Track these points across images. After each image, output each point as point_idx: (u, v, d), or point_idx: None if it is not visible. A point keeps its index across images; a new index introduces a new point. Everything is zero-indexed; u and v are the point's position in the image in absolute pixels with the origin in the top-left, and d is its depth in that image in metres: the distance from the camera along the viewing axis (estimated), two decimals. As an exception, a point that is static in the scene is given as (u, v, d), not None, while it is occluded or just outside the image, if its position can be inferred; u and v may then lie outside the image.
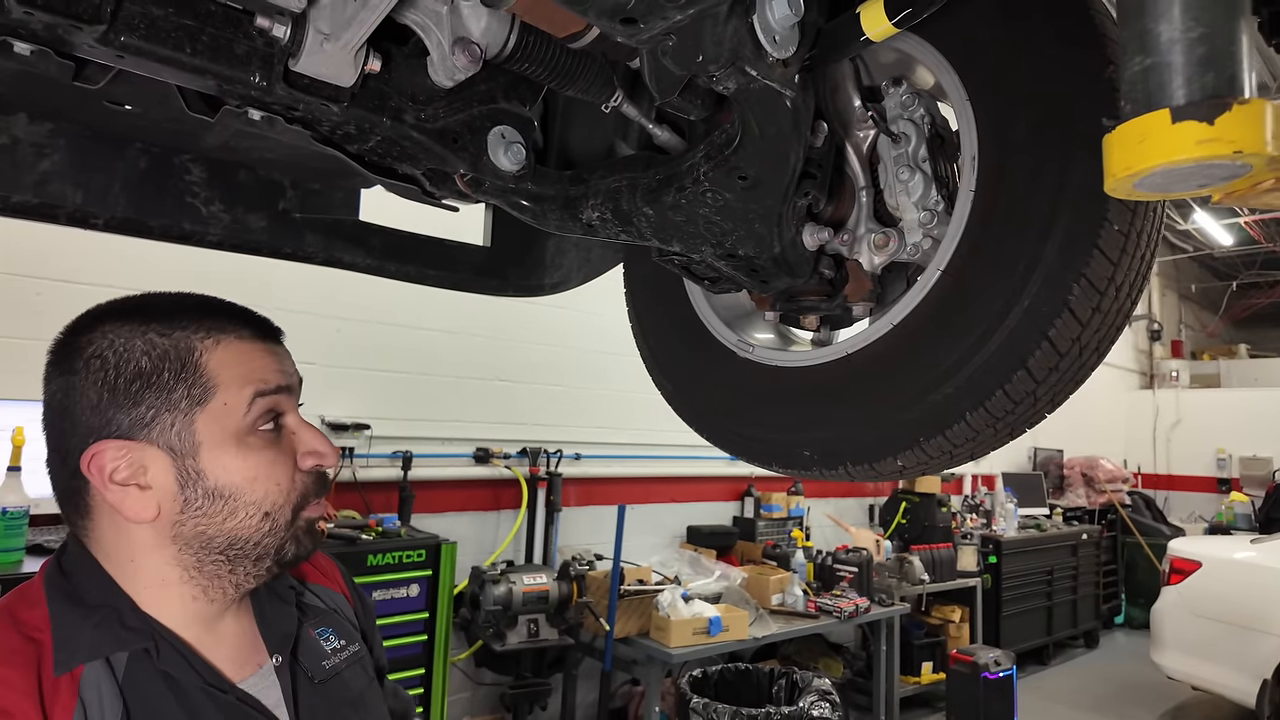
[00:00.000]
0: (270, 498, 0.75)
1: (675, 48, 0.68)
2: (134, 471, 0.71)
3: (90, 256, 2.81)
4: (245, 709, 0.75)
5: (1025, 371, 0.92)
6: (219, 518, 0.73)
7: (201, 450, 0.73)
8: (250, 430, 0.75)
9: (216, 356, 0.74)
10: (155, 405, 0.72)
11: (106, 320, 0.75)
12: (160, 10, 0.75)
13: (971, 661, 4.72)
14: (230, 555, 0.75)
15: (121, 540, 0.73)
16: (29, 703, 0.64)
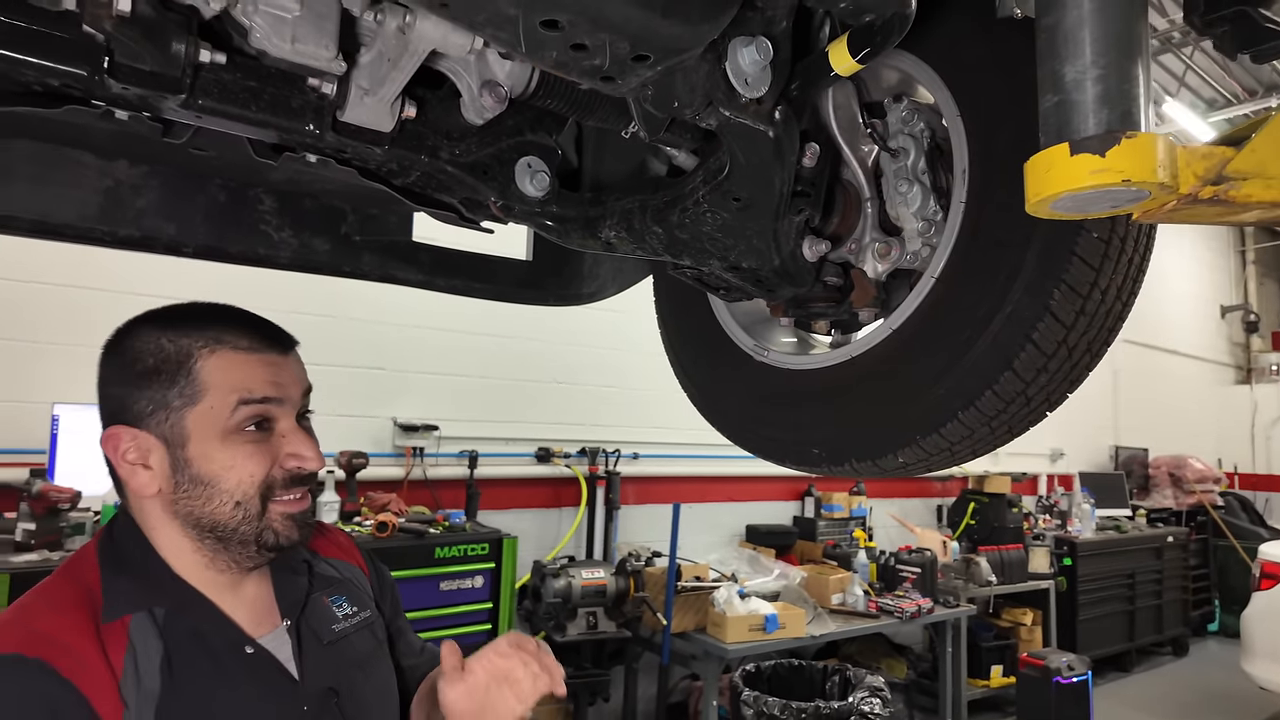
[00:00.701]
0: (242, 488, 0.85)
1: (653, 96, 0.77)
2: (141, 454, 0.84)
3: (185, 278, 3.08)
4: (260, 660, 0.87)
5: (1012, 372, 0.97)
6: (200, 501, 0.84)
7: (190, 443, 0.84)
8: (234, 430, 0.85)
9: (210, 364, 0.85)
10: (155, 401, 0.84)
11: (143, 324, 0.88)
12: (229, 76, 0.88)
13: (1043, 665, 4.60)
14: (219, 536, 0.85)
15: (143, 512, 0.87)
16: (88, 641, 0.77)
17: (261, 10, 0.79)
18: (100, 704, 0.74)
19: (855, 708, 2.58)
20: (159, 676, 0.78)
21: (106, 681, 0.76)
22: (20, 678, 0.73)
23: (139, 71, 0.81)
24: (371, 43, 0.89)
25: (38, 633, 0.76)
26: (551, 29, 0.61)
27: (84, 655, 0.76)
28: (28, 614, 0.79)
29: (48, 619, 0.78)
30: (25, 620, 0.78)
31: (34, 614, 0.79)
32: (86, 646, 0.76)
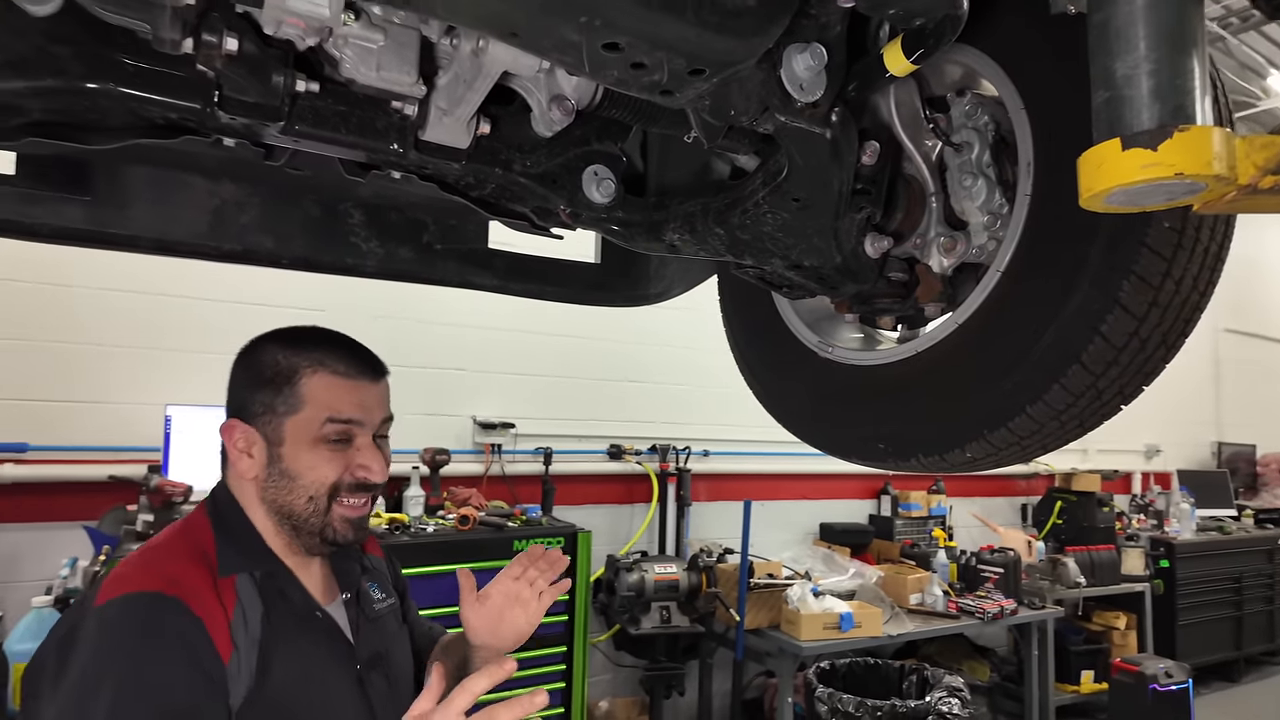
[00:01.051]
0: (315, 487, 1.01)
1: (710, 105, 0.80)
2: (247, 444, 1.02)
3: (281, 287, 3.29)
4: (328, 624, 1.05)
5: (1080, 366, 0.96)
6: (284, 491, 1.01)
7: (285, 444, 1.01)
8: (320, 440, 1.01)
9: (312, 382, 1.01)
10: (265, 405, 1.01)
11: (269, 339, 1.06)
12: (321, 103, 0.97)
13: (1138, 672, 4.39)
14: (293, 523, 1.02)
15: (242, 491, 1.04)
16: (209, 591, 0.93)
17: (351, 43, 0.87)
18: (218, 641, 0.90)
19: (933, 707, 2.54)
20: (260, 626, 0.95)
21: (222, 624, 0.91)
22: (164, 610, 0.88)
23: (244, 103, 0.90)
24: (448, 66, 0.95)
25: (172, 577, 0.91)
26: (612, 50, 0.65)
27: (207, 601, 0.92)
28: (159, 561, 0.94)
29: (177, 567, 0.93)
30: (159, 566, 0.93)
31: (164, 562, 0.94)
32: (208, 594, 0.92)
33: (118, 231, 1.30)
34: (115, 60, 0.86)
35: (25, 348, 2.92)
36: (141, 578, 0.91)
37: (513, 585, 1.16)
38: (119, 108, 0.90)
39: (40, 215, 1.24)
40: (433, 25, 0.91)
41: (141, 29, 0.75)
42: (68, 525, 2.89)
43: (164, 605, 0.88)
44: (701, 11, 0.63)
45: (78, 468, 2.95)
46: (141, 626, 0.87)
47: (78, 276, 2.98)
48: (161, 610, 0.88)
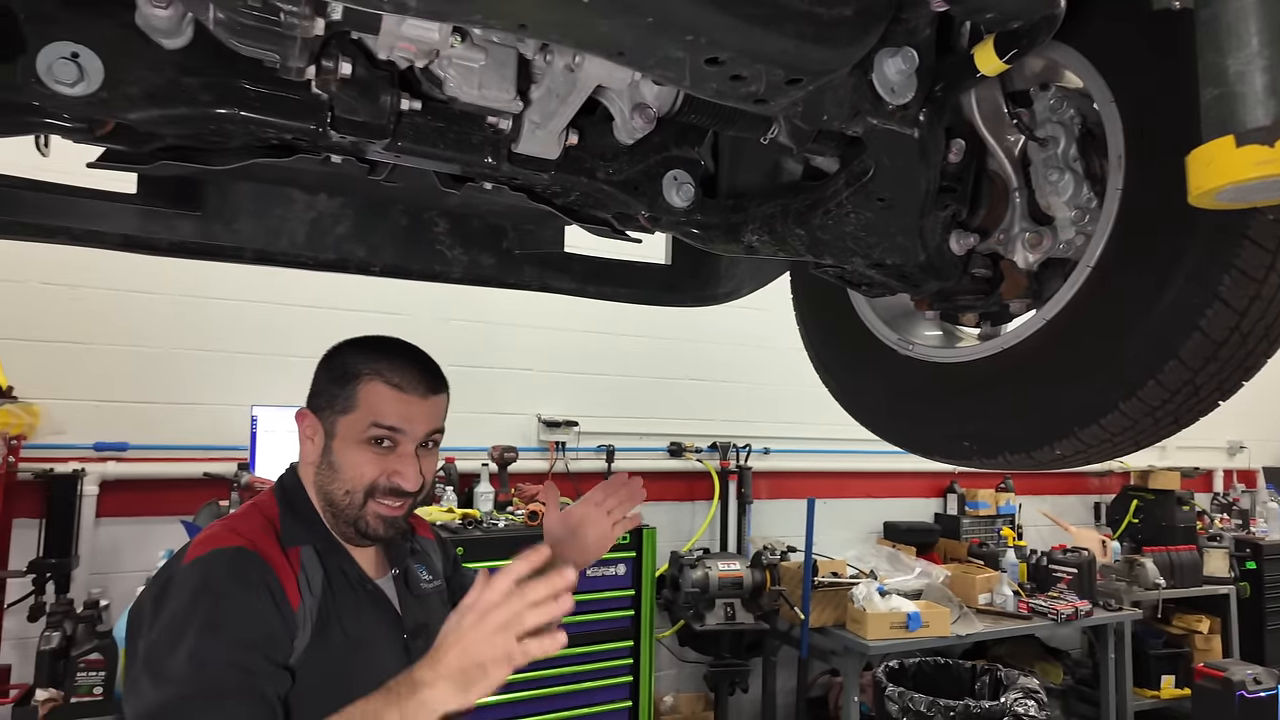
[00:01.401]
0: (353, 482, 1.10)
1: (803, 111, 0.82)
2: (312, 432, 1.14)
3: (355, 291, 3.42)
4: (378, 595, 1.16)
5: (1178, 361, 0.94)
6: (328, 480, 1.11)
7: (337, 438, 1.11)
8: (364, 441, 1.10)
9: (367, 389, 1.11)
10: (328, 401, 1.13)
11: (347, 344, 1.18)
12: (422, 120, 1.02)
13: (1223, 677, 4.21)
14: (332, 511, 1.12)
15: (305, 475, 1.16)
16: (279, 554, 1.05)
17: (454, 63, 0.91)
18: (289, 590, 1.03)
19: (1008, 708, 2.50)
20: (320, 588, 1.08)
21: (291, 579, 1.05)
22: (251, 560, 1.02)
23: (354, 122, 0.96)
24: (541, 82, 0.99)
25: (250, 539, 1.05)
26: (713, 65, 0.68)
27: (277, 561, 1.05)
28: (237, 527, 1.08)
29: (252, 533, 1.06)
30: (237, 529, 1.07)
31: (241, 527, 1.07)
32: (278, 557, 1.06)
33: (225, 244, 1.38)
34: (239, 88, 0.92)
35: (124, 353, 3.10)
36: (224, 537, 1.04)
37: (593, 510, 1.30)
38: (240, 130, 0.97)
39: (158, 230, 1.33)
40: (528, 44, 0.95)
41: (270, 58, 0.81)
42: (164, 519, 3.07)
43: (246, 555, 1.02)
44: (801, 25, 0.65)
45: (173, 465, 3.12)
46: (227, 571, 0.99)
47: (170, 285, 3.16)
48: (244, 559, 1.01)
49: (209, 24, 0.75)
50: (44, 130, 0.94)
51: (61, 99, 0.84)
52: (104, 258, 2.87)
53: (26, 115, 0.88)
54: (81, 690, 2.32)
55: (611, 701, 3.19)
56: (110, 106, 0.86)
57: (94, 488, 2.94)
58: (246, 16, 0.71)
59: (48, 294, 2.97)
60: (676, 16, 0.60)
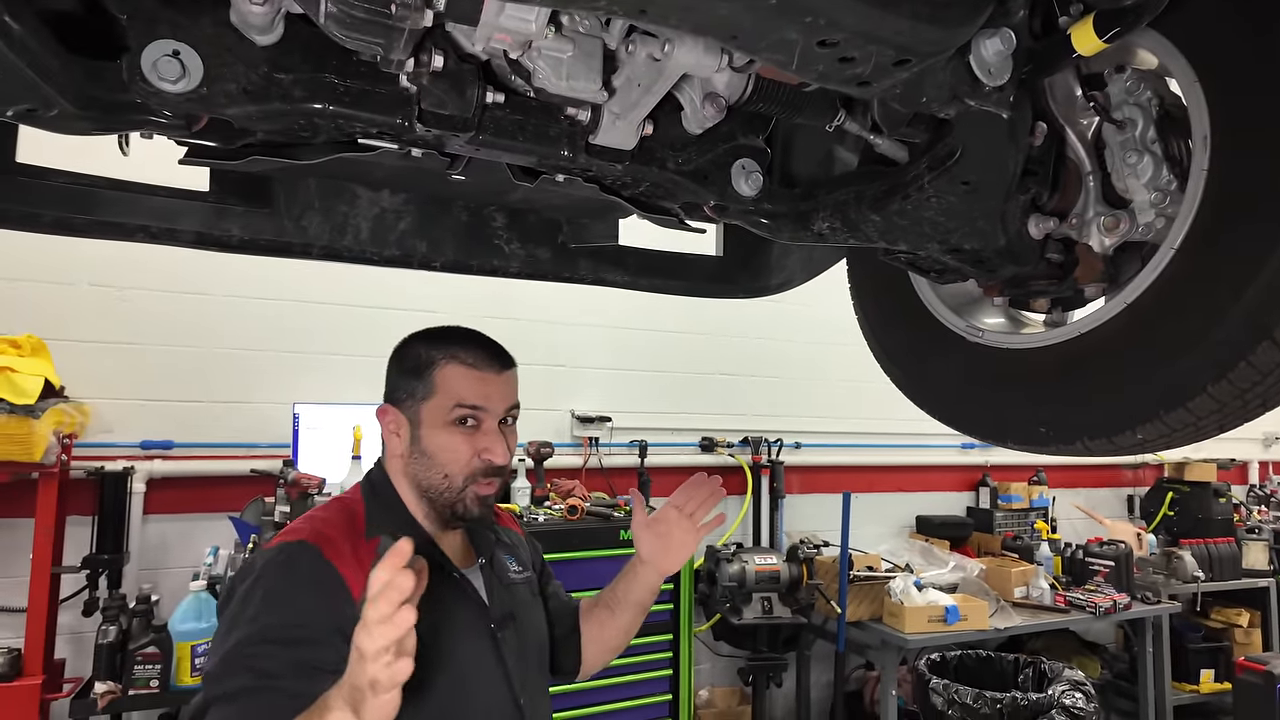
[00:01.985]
0: (449, 466, 1.14)
1: (902, 94, 0.82)
2: (396, 426, 1.17)
3: (392, 290, 3.45)
4: (464, 584, 1.18)
5: (1271, 342, 0.93)
6: (422, 469, 1.15)
7: (423, 425, 1.15)
8: (450, 423, 1.13)
9: (445, 372, 1.15)
10: (408, 391, 1.16)
11: (417, 336, 1.22)
12: (502, 113, 1.03)
13: (1265, 671, 4.15)
14: (429, 498, 1.15)
15: (392, 468, 1.19)
16: (349, 545, 1.07)
17: (544, 54, 0.92)
18: (353, 584, 1.02)
19: (1056, 700, 2.48)
20: None
21: (359, 573, 1.02)
22: (305, 553, 1.05)
23: (440, 115, 0.97)
24: (623, 72, 1.00)
25: (320, 531, 1.08)
26: (824, 47, 0.68)
27: (346, 551, 1.06)
28: (315, 520, 1.13)
29: (328, 525, 1.10)
30: (313, 523, 1.11)
31: (319, 521, 1.12)
32: (347, 549, 1.07)
33: (294, 240, 1.40)
34: (329, 83, 0.94)
35: (170, 353, 3.15)
36: (296, 529, 1.09)
37: (675, 513, 1.31)
38: (328, 125, 0.98)
39: (229, 227, 1.35)
40: (613, 33, 0.96)
41: (373, 51, 0.82)
42: (209, 516, 3.12)
43: (305, 550, 1.05)
44: (916, 4, 0.65)
45: (217, 463, 3.17)
46: (283, 563, 1.04)
47: (212, 285, 3.20)
48: (300, 552, 1.04)
49: (319, 18, 0.77)
50: (145, 128, 0.95)
51: (164, 96, 0.86)
52: (151, 260, 2.92)
53: (131, 113, 0.89)
54: (139, 683, 2.36)
55: (652, 695, 3.20)
56: (209, 103, 0.88)
57: (141, 485, 2.99)
58: (359, 9, 0.72)
59: (97, 295, 3.03)
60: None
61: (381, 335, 3.66)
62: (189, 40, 0.87)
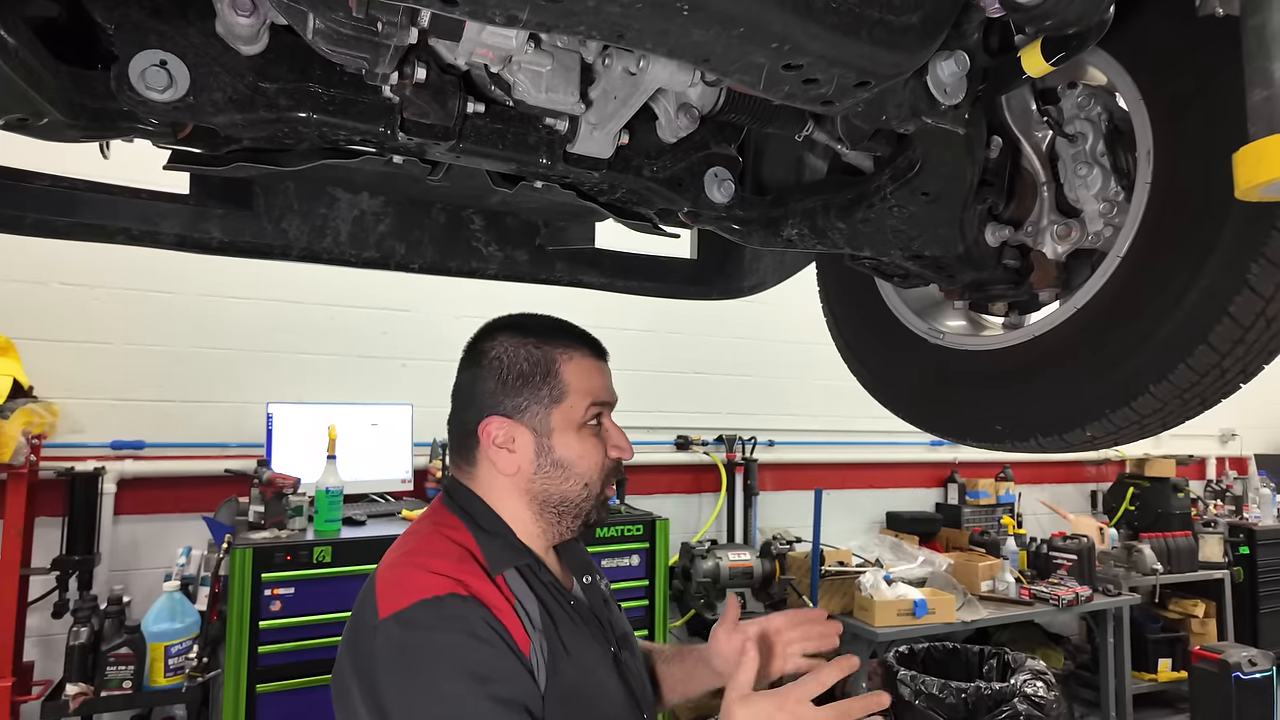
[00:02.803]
0: (591, 473, 1.03)
1: (864, 112, 0.87)
2: (508, 440, 1.02)
3: (366, 289, 3.45)
4: (583, 607, 1.07)
5: (1207, 345, 1.00)
6: (557, 481, 1.02)
7: (554, 433, 1.02)
8: (585, 425, 1.03)
9: (570, 368, 1.04)
10: (529, 398, 1.02)
11: (501, 332, 1.08)
12: (483, 122, 1.06)
13: (1219, 660, 4.31)
14: (560, 511, 1.03)
15: (494, 486, 1.04)
16: (492, 589, 0.92)
17: (524, 68, 0.95)
18: (515, 635, 0.91)
19: (1019, 689, 2.57)
20: (540, 617, 0.95)
21: (514, 620, 0.92)
22: (473, 608, 0.88)
23: (422, 125, 1.00)
24: (599, 84, 1.04)
25: (458, 578, 0.91)
26: (790, 70, 0.73)
27: (495, 599, 0.92)
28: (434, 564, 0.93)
29: (454, 569, 0.93)
30: (438, 568, 0.92)
31: (440, 565, 0.93)
32: (493, 593, 0.93)
33: (274, 242, 1.42)
34: (314, 92, 0.96)
35: (141, 352, 3.13)
36: (424, 581, 0.90)
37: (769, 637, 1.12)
38: (311, 133, 1.00)
39: (210, 229, 1.36)
40: (590, 49, 1.00)
41: (358, 65, 0.85)
42: (182, 516, 3.10)
43: (467, 604, 0.88)
44: (875, 31, 0.70)
45: (189, 463, 3.15)
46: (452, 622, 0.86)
47: (186, 285, 3.18)
48: (466, 609, 0.88)
49: (307, 34, 0.79)
50: (131, 134, 0.97)
51: (152, 105, 0.88)
52: (122, 259, 2.90)
53: (119, 121, 0.91)
54: (111, 684, 2.35)
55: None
56: (196, 111, 0.90)
57: (112, 486, 2.97)
58: (346, 26, 0.75)
59: (67, 295, 2.99)
60: (767, 27, 0.65)
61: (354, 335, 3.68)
62: (176, 50, 0.89)
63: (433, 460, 3.38)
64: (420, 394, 3.50)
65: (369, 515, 2.96)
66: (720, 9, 0.63)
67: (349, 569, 2.62)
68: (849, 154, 1.29)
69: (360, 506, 3.06)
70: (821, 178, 1.35)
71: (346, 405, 3.22)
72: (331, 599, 2.59)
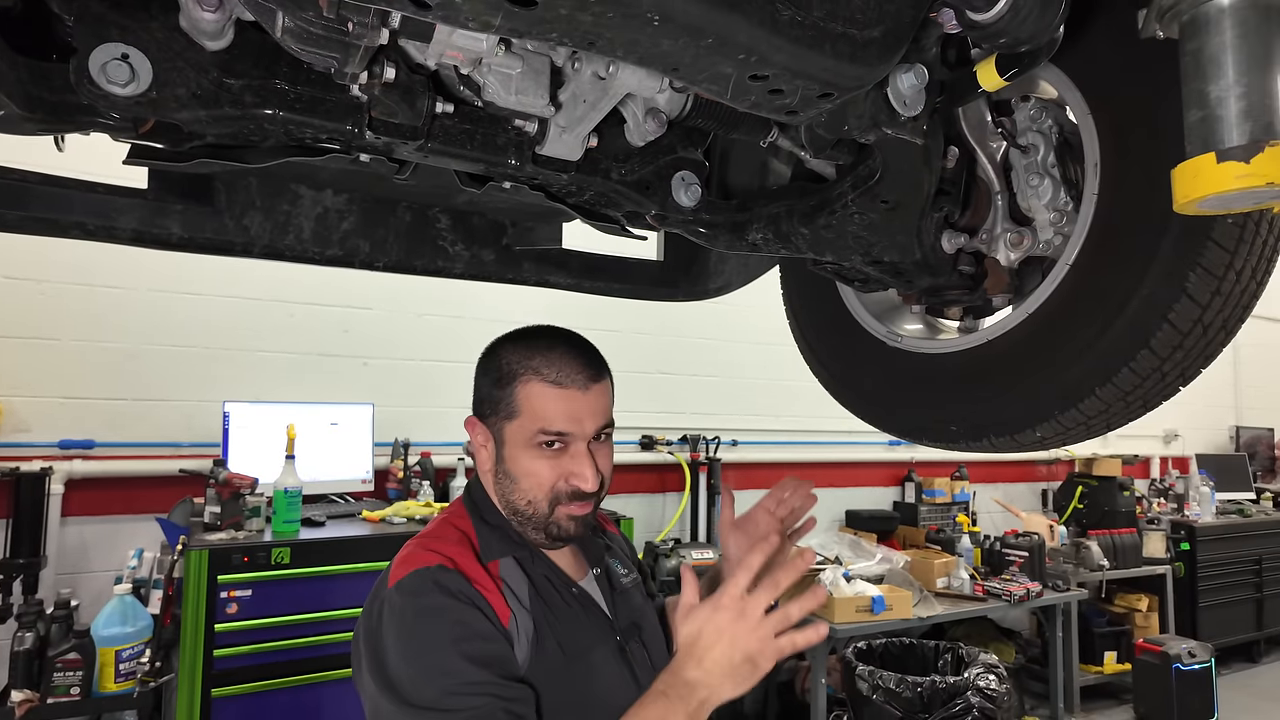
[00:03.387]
0: (531, 492, 1.05)
1: (826, 122, 0.90)
2: (483, 440, 1.10)
3: (327, 286, 3.40)
4: (585, 598, 1.11)
5: (1149, 350, 1.05)
6: (508, 490, 1.07)
7: (506, 445, 1.07)
8: (533, 445, 1.05)
9: (525, 391, 1.06)
10: (493, 406, 1.09)
11: (507, 338, 1.14)
12: (451, 123, 1.06)
13: (1161, 652, 4.49)
14: (519, 519, 1.08)
15: (485, 483, 1.12)
16: (480, 570, 1.01)
17: (494, 70, 0.96)
18: (498, 610, 0.99)
19: (971, 683, 2.64)
20: (530, 601, 1.03)
21: (497, 597, 1.00)
22: (450, 576, 0.98)
23: (390, 124, 1.00)
24: (569, 88, 1.05)
25: (448, 555, 1.01)
26: (756, 80, 0.75)
27: (478, 577, 1.00)
28: (433, 545, 1.03)
29: (450, 550, 1.03)
30: (434, 547, 1.02)
31: (438, 545, 1.03)
32: (479, 572, 1.02)
33: (235, 239, 1.40)
34: (280, 90, 0.95)
35: (91, 349, 3.04)
36: (423, 556, 1.00)
37: (766, 516, 1.22)
38: (277, 130, 0.99)
39: (169, 225, 1.34)
40: (560, 52, 1.00)
41: (327, 64, 0.85)
42: (133, 518, 3.02)
43: (449, 573, 0.98)
44: (838, 45, 0.72)
45: (141, 463, 3.07)
46: (437, 588, 0.96)
47: (139, 280, 3.10)
48: (448, 576, 0.97)
49: (275, 31, 0.79)
50: (91, 128, 0.95)
51: (113, 99, 0.86)
52: (71, 252, 2.82)
53: (78, 115, 0.89)
54: (59, 690, 2.28)
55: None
56: (159, 106, 0.89)
57: (59, 486, 2.88)
58: (317, 25, 0.75)
59: (13, 289, 2.90)
60: (734, 38, 0.67)
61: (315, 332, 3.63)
62: (138, 44, 0.88)
63: (394, 460, 3.34)
64: (381, 393, 3.47)
65: (328, 516, 2.92)
66: (689, 21, 0.65)
67: (308, 570, 2.59)
68: (812, 160, 1.32)
69: (319, 507, 3.01)
70: (785, 183, 1.38)
71: (306, 404, 3.17)
72: (290, 600, 2.55)
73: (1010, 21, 0.76)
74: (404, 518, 2.95)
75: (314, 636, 2.57)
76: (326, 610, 2.61)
